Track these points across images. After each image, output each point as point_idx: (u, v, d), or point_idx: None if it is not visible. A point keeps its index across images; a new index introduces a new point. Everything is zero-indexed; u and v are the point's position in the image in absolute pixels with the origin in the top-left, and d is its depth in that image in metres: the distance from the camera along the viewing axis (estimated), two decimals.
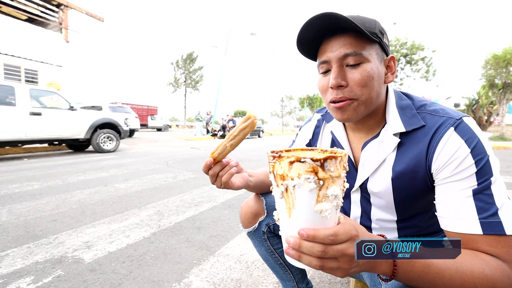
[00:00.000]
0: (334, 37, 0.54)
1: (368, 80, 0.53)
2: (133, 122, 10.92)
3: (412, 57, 13.68)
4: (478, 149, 0.47)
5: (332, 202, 0.35)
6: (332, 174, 0.34)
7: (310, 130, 0.78)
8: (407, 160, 0.55)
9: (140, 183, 3.05)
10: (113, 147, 6.30)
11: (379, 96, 0.57)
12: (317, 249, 0.34)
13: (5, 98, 4.60)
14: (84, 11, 10.23)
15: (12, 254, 1.38)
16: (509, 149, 7.84)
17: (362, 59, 0.53)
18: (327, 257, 0.35)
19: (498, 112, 12.03)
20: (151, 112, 22.20)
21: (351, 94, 0.54)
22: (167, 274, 1.24)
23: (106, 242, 1.55)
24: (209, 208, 2.21)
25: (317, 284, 1.18)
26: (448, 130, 0.50)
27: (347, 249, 0.35)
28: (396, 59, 3.02)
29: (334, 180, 0.35)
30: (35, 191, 2.63)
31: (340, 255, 0.35)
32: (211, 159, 0.58)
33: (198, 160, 4.98)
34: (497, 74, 10.84)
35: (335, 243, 0.34)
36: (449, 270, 0.40)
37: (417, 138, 0.54)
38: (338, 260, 0.35)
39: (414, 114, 0.56)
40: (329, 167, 0.34)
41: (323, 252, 0.34)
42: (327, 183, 0.34)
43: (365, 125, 0.62)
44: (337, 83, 0.53)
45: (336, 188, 0.35)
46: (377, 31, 0.54)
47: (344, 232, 0.35)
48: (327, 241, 0.34)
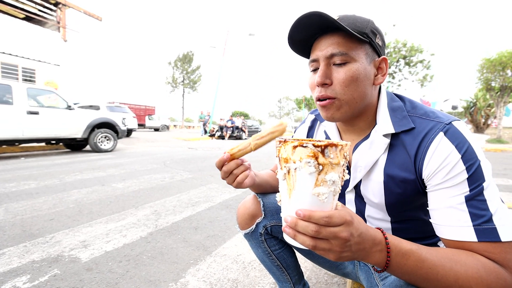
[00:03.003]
0: (324, 36, 0.55)
1: (352, 80, 0.53)
2: (131, 122, 10.89)
3: (410, 59, 13.75)
4: (469, 154, 0.47)
5: (329, 187, 0.37)
6: (332, 161, 0.37)
7: (304, 131, 0.79)
8: (397, 164, 0.55)
9: (137, 183, 3.05)
10: (111, 146, 6.27)
11: (365, 97, 0.56)
12: (311, 228, 0.36)
13: (2, 96, 4.57)
14: (82, 10, 10.19)
15: (9, 253, 1.38)
16: (506, 151, 7.90)
17: (348, 59, 0.53)
18: (320, 237, 0.37)
19: (496, 114, 12.12)
20: (149, 112, 22.12)
21: (333, 93, 0.55)
22: (164, 273, 1.24)
23: (103, 241, 1.54)
24: (206, 208, 2.21)
25: (313, 285, 1.19)
26: (438, 134, 0.50)
27: (339, 232, 0.37)
28: (395, 61, 3.02)
29: (333, 166, 0.37)
30: (32, 190, 2.62)
31: (333, 237, 0.37)
32: (228, 154, 0.59)
33: (196, 161, 4.98)
34: (494, 78, 10.93)
35: (329, 225, 0.36)
36: (443, 267, 0.41)
37: (406, 141, 0.54)
38: (330, 242, 0.37)
39: (405, 116, 0.56)
40: (329, 154, 0.37)
41: (317, 232, 0.36)
42: (326, 168, 0.37)
43: (355, 127, 0.62)
44: (321, 81, 0.54)
45: (335, 175, 0.37)
46: (368, 31, 0.54)
47: (339, 216, 0.37)
48: (321, 222, 0.36)
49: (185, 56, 28.34)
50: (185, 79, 28.66)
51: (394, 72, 14.18)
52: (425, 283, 0.42)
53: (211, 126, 14.26)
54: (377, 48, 0.56)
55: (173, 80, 28.48)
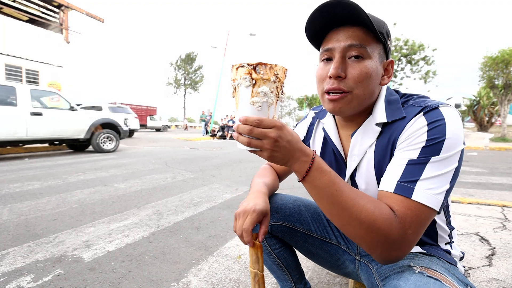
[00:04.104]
0: (342, 28, 0.55)
1: (366, 77, 0.54)
2: (133, 122, 10.93)
3: (412, 57, 13.64)
4: (437, 130, 0.48)
5: (262, 98, 0.46)
6: (263, 77, 0.46)
7: (305, 127, 0.80)
8: (383, 148, 0.57)
9: (139, 183, 3.06)
10: (113, 147, 6.31)
11: (372, 95, 0.58)
12: (247, 128, 0.45)
13: (6, 98, 4.62)
14: (84, 12, 10.26)
15: (13, 253, 1.39)
16: (510, 150, 7.81)
17: (365, 54, 0.54)
18: (253, 135, 0.45)
19: (500, 113, 12.00)
20: (150, 113, 22.19)
21: (346, 87, 0.55)
22: (166, 273, 1.24)
23: (105, 241, 1.56)
24: (208, 208, 2.21)
25: (315, 285, 1.19)
26: (418, 115, 0.52)
27: (269, 133, 0.44)
28: (397, 59, 3.00)
29: (264, 81, 0.46)
30: (36, 190, 2.65)
31: (263, 136, 0.45)
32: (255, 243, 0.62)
33: (197, 161, 5.00)
34: (498, 76, 10.83)
35: (260, 126, 0.45)
36: (347, 194, 0.47)
37: (395, 127, 0.56)
38: (262, 141, 0.45)
39: (399, 108, 0.57)
40: (260, 71, 0.46)
41: (250, 131, 0.45)
42: (258, 82, 0.46)
43: (354, 122, 0.63)
44: (336, 73, 0.54)
45: (266, 88, 0.46)
46: (384, 31, 0.55)
47: (269, 121, 0.45)
48: (253, 124, 0.44)
49: (188, 56, 28.37)
50: (186, 79, 28.71)
51: (396, 71, 14.09)
52: (329, 201, 0.47)
53: (212, 126, 14.28)
54: (388, 50, 0.58)
55: (175, 81, 28.54)
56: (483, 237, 1.61)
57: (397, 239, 0.44)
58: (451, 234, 0.64)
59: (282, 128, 0.45)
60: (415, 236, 0.46)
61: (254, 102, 0.46)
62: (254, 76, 0.46)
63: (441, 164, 0.47)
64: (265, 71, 0.46)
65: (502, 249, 1.45)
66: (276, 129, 0.45)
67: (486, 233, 1.67)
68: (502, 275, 1.20)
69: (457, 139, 0.48)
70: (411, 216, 0.45)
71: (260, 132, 0.44)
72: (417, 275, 0.48)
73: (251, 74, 0.46)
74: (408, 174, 0.48)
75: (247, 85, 0.46)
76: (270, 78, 0.46)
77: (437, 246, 0.62)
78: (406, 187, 0.47)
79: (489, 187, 3.03)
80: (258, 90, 0.45)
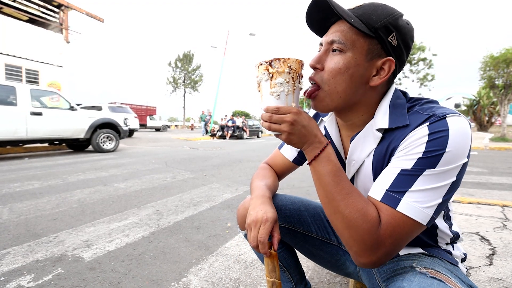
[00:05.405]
0: (337, 21, 0.55)
1: (339, 72, 0.52)
2: (133, 122, 10.93)
3: (412, 56, 13.62)
4: (438, 142, 0.45)
5: (279, 88, 0.52)
6: (278, 70, 0.52)
7: None
8: (381, 156, 0.55)
9: (139, 182, 3.06)
10: (113, 147, 6.31)
11: (351, 94, 0.54)
12: (267, 115, 0.52)
13: (6, 98, 4.62)
14: (84, 12, 10.25)
15: (13, 252, 1.39)
16: (510, 150, 7.81)
17: (345, 50, 0.52)
18: (272, 121, 0.52)
19: (500, 112, 12.00)
20: (150, 112, 22.20)
21: (319, 79, 0.55)
22: (166, 273, 1.24)
23: (105, 241, 1.56)
24: (208, 208, 2.21)
25: (316, 284, 1.19)
26: (422, 125, 0.48)
27: (285, 117, 0.50)
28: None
29: (280, 73, 0.52)
30: (36, 190, 2.64)
31: (281, 121, 0.51)
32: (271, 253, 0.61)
33: (197, 160, 4.99)
34: (498, 75, 10.82)
35: (278, 113, 0.51)
36: (342, 187, 0.49)
37: (395, 135, 0.52)
38: (280, 125, 0.51)
39: (404, 113, 0.53)
40: (275, 65, 0.52)
41: (270, 117, 0.52)
42: (275, 76, 0.52)
43: (349, 122, 0.61)
44: (313, 64, 0.55)
45: (281, 79, 0.52)
46: (381, 26, 0.50)
47: (286, 108, 0.51)
48: (273, 111, 0.52)
49: (185, 55, 28.35)
50: (186, 79, 28.69)
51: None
52: (325, 188, 0.50)
53: (212, 126, 14.28)
54: (388, 47, 0.52)
55: (174, 80, 28.52)
56: (484, 237, 1.61)
57: (373, 244, 0.45)
58: (453, 237, 0.63)
59: (298, 114, 0.51)
60: (395, 247, 0.45)
61: (272, 92, 0.53)
62: (271, 71, 0.52)
63: (436, 177, 0.45)
64: (279, 64, 0.52)
65: (502, 249, 1.45)
66: (292, 115, 0.50)
67: (486, 233, 1.67)
68: (503, 275, 1.20)
69: (459, 152, 0.45)
70: (394, 226, 0.45)
71: (278, 118, 0.51)
72: (420, 276, 0.47)
73: (268, 69, 0.53)
74: (398, 184, 0.47)
75: (266, 79, 0.53)
76: (285, 70, 0.52)
77: (438, 247, 0.62)
78: (393, 197, 0.46)
79: (489, 187, 3.03)
80: (276, 82, 0.52)
